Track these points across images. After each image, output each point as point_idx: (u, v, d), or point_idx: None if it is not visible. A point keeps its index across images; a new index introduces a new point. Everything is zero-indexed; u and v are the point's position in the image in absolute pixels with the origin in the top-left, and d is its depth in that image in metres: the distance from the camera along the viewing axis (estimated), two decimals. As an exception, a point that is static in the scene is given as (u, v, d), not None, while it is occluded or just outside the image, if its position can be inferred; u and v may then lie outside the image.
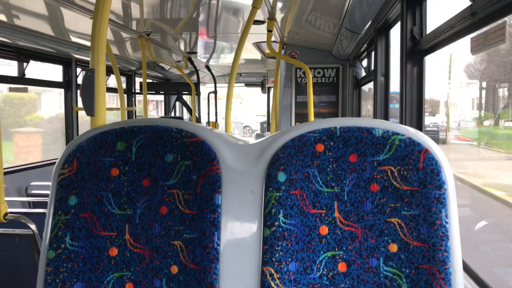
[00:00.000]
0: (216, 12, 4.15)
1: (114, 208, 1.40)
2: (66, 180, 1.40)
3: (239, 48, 3.23)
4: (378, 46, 3.47)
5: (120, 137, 1.42)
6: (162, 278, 1.37)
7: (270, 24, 4.11)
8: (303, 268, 1.33)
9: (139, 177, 1.41)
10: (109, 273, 1.39)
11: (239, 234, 1.37)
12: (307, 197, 1.35)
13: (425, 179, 1.30)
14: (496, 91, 5.52)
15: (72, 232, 1.38)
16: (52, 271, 1.36)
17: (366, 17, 3.55)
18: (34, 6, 3.63)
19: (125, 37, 5.11)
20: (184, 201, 1.39)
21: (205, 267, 1.33)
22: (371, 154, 1.33)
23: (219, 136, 1.43)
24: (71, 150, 1.42)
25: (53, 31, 4.51)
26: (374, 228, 1.33)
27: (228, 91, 3.35)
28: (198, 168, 1.39)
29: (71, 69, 5.48)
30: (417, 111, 2.54)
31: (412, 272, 1.29)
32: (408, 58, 2.54)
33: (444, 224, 1.28)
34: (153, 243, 1.39)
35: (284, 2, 3.77)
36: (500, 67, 5.16)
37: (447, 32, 2.05)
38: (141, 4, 3.81)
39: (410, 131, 1.34)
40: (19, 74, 4.73)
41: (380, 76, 3.52)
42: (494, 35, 1.65)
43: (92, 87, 1.55)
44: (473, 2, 1.74)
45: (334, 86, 5.74)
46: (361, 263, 1.33)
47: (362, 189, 1.34)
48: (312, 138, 1.36)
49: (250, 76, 10.44)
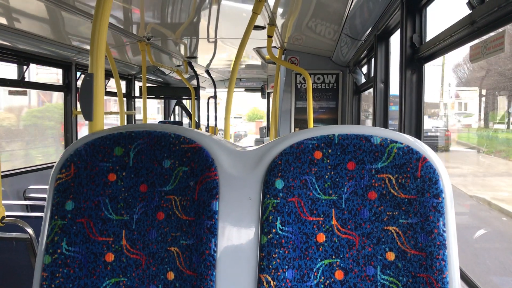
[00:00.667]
0: (216, 17, 4.16)
1: (111, 213, 1.40)
2: (63, 185, 1.40)
3: (239, 53, 3.23)
4: (378, 53, 3.48)
5: (117, 142, 1.42)
6: (159, 284, 1.37)
7: (270, 29, 4.12)
8: (300, 276, 1.33)
9: (137, 182, 1.41)
10: (105, 279, 1.38)
11: (236, 240, 1.36)
12: (305, 204, 1.35)
13: (423, 187, 1.29)
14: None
15: (68, 237, 1.38)
16: (48, 276, 1.35)
17: (366, 24, 3.55)
18: (35, 10, 3.64)
19: (125, 41, 5.12)
20: (181, 207, 1.39)
21: (201, 273, 1.32)
22: (369, 162, 1.33)
23: (217, 142, 1.43)
24: (69, 155, 1.42)
25: (53, 34, 4.52)
26: (371, 236, 1.32)
27: (228, 96, 3.35)
28: (195, 174, 1.39)
29: (71, 73, 5.49)
30: (416, 118, 2.54)
31: (409, 281, 1.29)
32: (408, 65, 2.54)
33: (442, 233, 1.27)
34: (150, 249, 1.39)
35: (284, 8, 3.77)
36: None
37: (446, 40, 2.05)
38: (142, 8, 3.82)
39: (408, 139, 1.33)
40: (18, 77, 4.73)
41: (380, 83, 3.52)
42: (493, 44, 1.66)
43: (90, 92, 1.55)
44: (473, 11, 1.74)
45: (333, 92, 5.75)
46: (358, 271, 1.32)
47: (359, 197, 1.34)
48: (310, 145, 1.35)
49: (250, 81, 10.46)
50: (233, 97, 3.38)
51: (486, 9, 1.62)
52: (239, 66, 3.32)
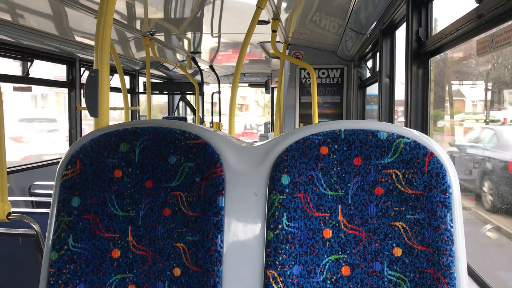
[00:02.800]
0: (220, 12, 4.14)
1: (117, 209, 1.40)
2: (69, 181, 1.40)
3: (243, 48, 3.22)
4: (383, 47, 3.46)
5: (123, 138, 1.42)
6: (165, 280, 1.37)
7: (274, 24, 4.10)
8: (306, 272, 1.32)
9: (142, 178, 1.41)
10: (111, 275, 1.38)
11: (242, 236, 1.36)
12: (311, 200, 1.34)
13: (430, 182, 1.29)
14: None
15: (75, 234, 1.38)
16: (55, 272, 1.36)
17: (371, 18, 3.53)
18: (38, 6, 3.64)
19: (129, 36, 5.12)
20: (187, 203, 1.38)
21: (208, 269, 1.32)
22: (375, 157, 1.32)
23: (223, 138, 1.42)
24: (75, 151, 1.42)
25: (57, 30, 4.52)
26: (378, 231, 1.32)
27: (232, 92, 3.34)
28: (201, 170, 1.38)
29: (75, 69, 5.49)
30: (422, 114, 2.52)
31: (417, 277, 1.28)
32: (414, 60, 2.52)
33: (449, 228, 1.27)
34: (156, 245, 1.39)
35: (288, 3, 3.75)
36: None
37: (453, 34, 2.03)
38: (145, 3, 3.81)
39: (415, 134, 1.32)
40: (23, 73, 4.74)
41: (385, 77, 3.50)
42: (501, 38, 1.64)
43: (96, 88, 1.55)
44: (480, 4, 1.72)
45: (338, 87, 5.72)
46: (365, 267, 1.32)
47: (366, 193, 1.33)
48: (317, 140, 1.35)
49: (254, 76, 10.44)
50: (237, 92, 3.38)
51: (494, 2, 1.61)
52: (243, 61, 3.30)
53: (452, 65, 5.31)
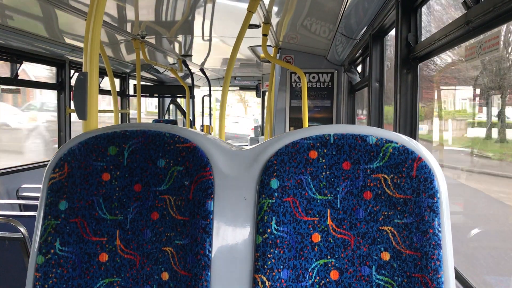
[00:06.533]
0: (211, 15, 4.14)
1: (105, 213, 1.39)
2: (56, 185, 1.39)
3: (234, 51, 3.22)
4: (373, 52, 3.48)
5: (112, 141, 1.41)
6: (153, 284, 1.36)
7: (265, 28, 4.11)
8: (295, 276, 1.32)
9: (131, 182, 1.40)
10: (99, 279, 1.37)
11: (231, 241, 1.35)
12: (300, 204, 1.34)
13: (418, 187, 1.29)
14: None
15: (62, 237, 1.36)
16: (41, 276, 1.34)
17: (362, 23, 3.55)
18: (28, 7, 3.61)
19: (119, 39, 5.10)
20: (176, 207, 1.38)
21: (196, 274, 1.32)
22: (364, 161, 1.33)
23: (212, 142, 1.42)
24: (62, 154, 1.41)
25: (47, 32, 4.49)
26: (366, 236, 1.32)
27: (223, 95, 3.33)
28: (190, 173, 1.38)
29: (65, 71, 5.46)
30: (411, 118, 2.54)
31: (405, 281, 1.29)
32: (403, 65, 2.54)
33: (437, 232, 1.27)
34: (144, 249, 1.38)
35: (279, 7, 3.77)
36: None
37: (441, 40, 2.05)
38: (136, 6, 3.79)
39: (403, 139, 1.33)
40: (11, 75, 4.70)
41: (375, 82, 3.52)
42: (489, 44, 1.66)
43: (84, 91, 1.53)
44: (468, 11, 1.74)
45: (328, 91, 5.74)
46: (353, 271, 1.32)
47: (355, 197, 1.34)
48: (306, 145, 1.35)
49: (245, 80, 10.44)
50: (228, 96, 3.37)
51: (482, 9, 1.62)
52: (234, 65, 3.30)
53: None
